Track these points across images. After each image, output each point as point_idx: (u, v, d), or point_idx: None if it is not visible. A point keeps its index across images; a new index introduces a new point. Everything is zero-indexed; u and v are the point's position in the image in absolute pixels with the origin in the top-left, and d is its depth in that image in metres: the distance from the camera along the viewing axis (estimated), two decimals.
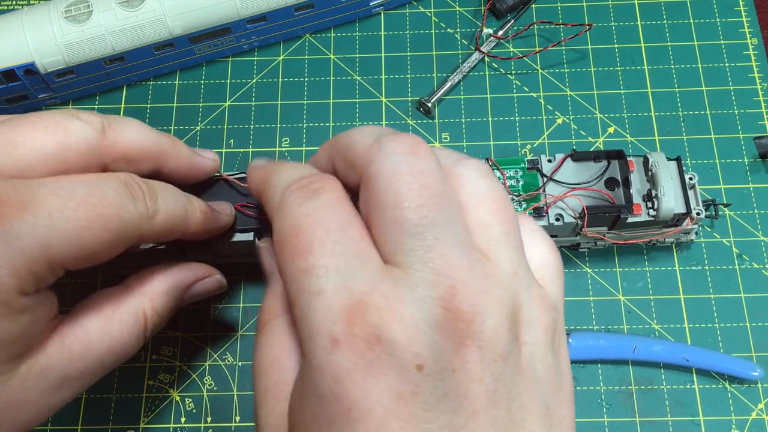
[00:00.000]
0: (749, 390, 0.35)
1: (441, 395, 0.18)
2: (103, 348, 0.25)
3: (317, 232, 0.20)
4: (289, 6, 0.40)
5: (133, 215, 0.24)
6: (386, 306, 0.18)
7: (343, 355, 0.18)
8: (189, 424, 0.35)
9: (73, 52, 0.38)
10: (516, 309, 0.20)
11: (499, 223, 0.21)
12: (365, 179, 0.21)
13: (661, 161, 0.34)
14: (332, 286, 0.19)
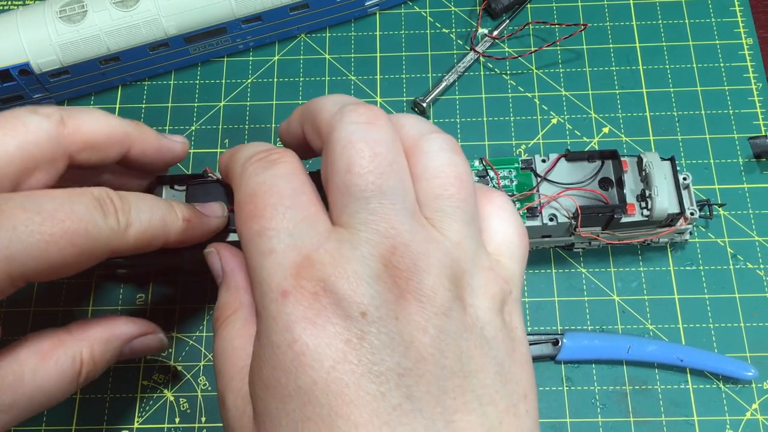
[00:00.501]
0: (743, 390, 0.35)
1: (387, 339, 0.19)
2: (34, 385, 0.24)
3: (271, 198, 0.22)
4: (284, 6, 0.40)
5: (103, 230, 0.24)
6: (331, 261, 0.20)
7: (292, 305, 0.20)
8: (183, 425, 0.35)
9: (68, 52, 0.38)
10: (458, 273, 0.21)
11: (450, 197, 0.22)
12: (326, 144, 0.22)
13: (655, 161, 0.34)
14: (282, 245, 0.21)
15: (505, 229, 0.24)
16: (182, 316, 0.37)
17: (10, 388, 0.24)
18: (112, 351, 0.27)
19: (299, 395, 0.19)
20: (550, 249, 0.38)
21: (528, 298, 0.37)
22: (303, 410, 0.19)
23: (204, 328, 0.37)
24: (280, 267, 0.21)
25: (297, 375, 0.19)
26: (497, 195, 0.25)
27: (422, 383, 0.19)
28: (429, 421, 0.19)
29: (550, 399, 0.35)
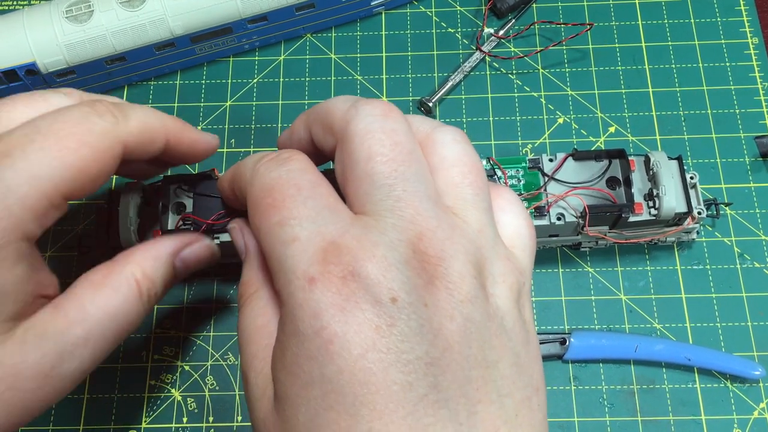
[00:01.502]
0: (751, 389, 0.35)
1: (416, 327, 0.19)
2: (99, 313, 0.25)
3: (289, 190, 0.22)
4: (290, 6, 0.40)
5: (104, 126, 0.24)
6: (358, 246, 0.20)
7: (320, 291, 0.19)
8: (191, 424, 0.35)
9: (74, 52, 0.38)
10: (481, 261, 0.21)
11: (469, 185, 0.22)
12: (342, 139, 0.22)
13: (663, 160, 0.34)
14: (306, 232, 0.20)
15: (517, 222, 0.24)
16: (189, 316, 0.37)
17: (77, 321, 0.24)
18: (163, 266, 0.28)
19: (323, 383, 0.19)
20: (557, 248, 0.38)
21: (535, 297, 0.37)
22: (325, 398, 0.19)
23: (211, 328, 0.37)
24: (305, 254, 0.20)
25: (323, 363, 0.19)
26: (505, 190, 0.25)
27: (448, 373, 0.19)
28: (453, 412, 0.19)
29: (557, 398, 0.35)
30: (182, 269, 0.29)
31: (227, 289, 0.37)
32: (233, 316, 0.37)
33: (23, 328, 0.23)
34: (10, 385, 0.22)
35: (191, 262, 0.29)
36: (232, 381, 0.36)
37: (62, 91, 0.27)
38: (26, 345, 0.23)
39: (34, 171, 0.22)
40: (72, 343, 0.24)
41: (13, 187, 0.22)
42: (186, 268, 0.29)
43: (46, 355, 0.23)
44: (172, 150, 0.28)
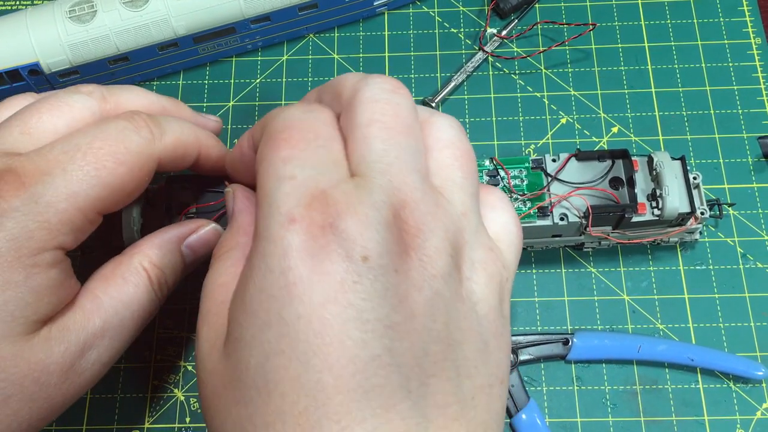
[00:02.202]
0: (754, 389, 0.35)
1: (381, 289, 0.19)
2: (113, 302, 0.26)
3: (308, 133, 0.22)
4: (292, 6, 0.40)
5: (140, 143, 0.26)
6: (345, 200, 0.20)
7: (296, 232, 0.19)
8: (194, 424, 0.35)
9: (77, 52, 0.38)
10: (460, 243, 0.21)
11: (459, 168, 0.23)
12: (348, 104, 0.22)
13: (666, 161, 0.34)
14: (304, 175, 0.21)
15: (504, 219, 0.24)
16: (192, 316, 0.37)
17: (93, 312, 0.26)
18: (170, 254, 0.29)
19: (280, 325, 0.19)
20: (560, 248, 0.38)
21: (538, 297, 0.37)
22: (279, 342, 0.19)
23: None
24: (295, 193, 0.20)
25: (283, 304, 0.19)
26: (495, 189, 0.25)
27: (406, 340, 0.19)
28: (404, 378, 0.19)
29: (560, 398, 0.35)
30: (191, 256, 0.30)
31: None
32: None
33: (48, 328, 0.24)
34: (36, 380, 0.24)
35: (199, 248, 0.30)
36: None
37: (83, 91, 0.27)
38: (51, 341, 0.24)
39: (73, 189, 0.24)
40: (92, 335, 0.25)
41: (52, 203, 0.24)
42: (194, 254, 0.30)
43: (69, 348, 0.24)
44: (202, 164, 0.30)
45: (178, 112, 0.31)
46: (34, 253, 0.23)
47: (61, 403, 0.25)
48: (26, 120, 0.26)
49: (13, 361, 0.23)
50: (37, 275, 0.23)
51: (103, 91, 0.28)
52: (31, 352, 0.23)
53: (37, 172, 0.24)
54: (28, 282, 0.23)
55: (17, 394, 0.23)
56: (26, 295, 0.23)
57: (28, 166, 0.24)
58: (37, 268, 0.23)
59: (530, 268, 0.38)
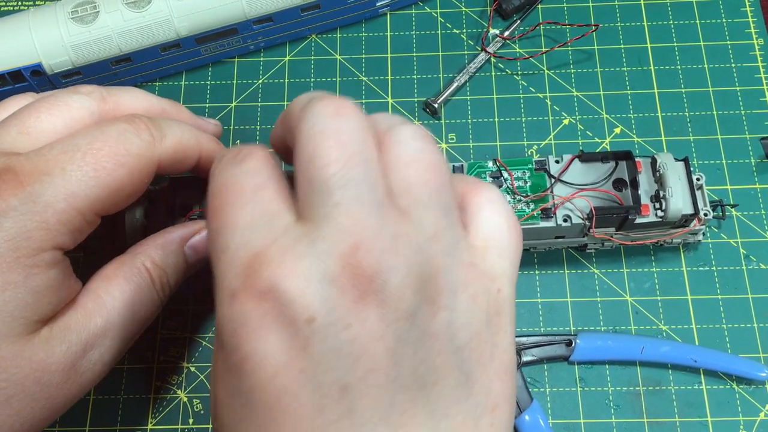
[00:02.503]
0: (757, 391, 0.35)
1: (333, 349, 0.18)
2: (115, 302, 0.26)
3: (231, 196, 0.21)
4: (295, 7, 0.40)
5: (140, 145, 0.26)
6: (281, 259, 0.18)
7: (239, 307, 0.18)
8: (197, 425, 0.35)
9: (79, 53, 0.38)
10: (431, 272, 0.19)
11: (425, 185, 0.20)
12: (292, 139, 0.21)
13: (669, 162, 0.34)
14: (236, 242, 0.19)
15: (495, 222, 0.22)
16: (195, 317, 0.37)
17: (95, 312, 0.26)
18: (172, 254, 0.29)
19: (240, 396, 0.19)
20: (563, 250, 0.38)
21: (541, 298, 0.37)
22: (242, 410, 0.19)
23: None
24: (231, 265, 0.19)
25: (239, 378, 0.19)
26: (486, 186, 0.23)
27: (367, 397, 0.18)
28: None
29: (563, 400, 0.35)
30: (193, 256, 0.30)
31: None
32: None
33: (49, 327, 0.24)
34: (38, 380, 0.24)
35: (202, 249, 0.30)
36: None
37: (82, 91, 0.27)
38: (52, 341, 0.24)
39: (71, 189, 0.24)
40: (93, 334, 0.25)
41: (50, 203, 0.23)
42: (197, 255, 0.30)
43: (71, 348, 0.24)
44: (202, 167, 0.30)
45: (178, 115, 0.31)
46: (32, 254, 0.23)
47: (63, 403, 0.25)
48: (24, 119, 0.26)
49: (14, 361, 0.23)
50: (37, 275, 0.23)
51: (103, 92, 0.28)
52: (32, 352, 0.23)
53: (36, 171, 0.24)
54: (28, 282, 0.23)
55: (19, 394, 0.23)
56: (26, 295, 0.23)
57: (27, 166, 0.24)
58: (36, 268, 0.23)
59: (533, 270, 0.37)
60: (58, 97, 0.27)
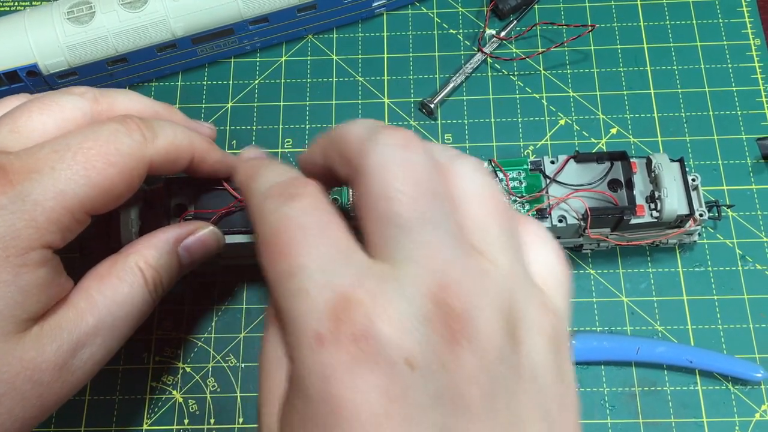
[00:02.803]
0: (752, 391, 0.35)
1: (434, 395, 0.17)
2: (107, 301, 0.26)
3: (295, 234, 0.19)
4: (291, 7, 0.40)
5: (132, 145, 0.25)
6: (372, 301, 0.18)
7: (328, 352, 0.17)
8: (192, 426, 0.35)
9: (75, 54, 0.38)
10: (513, 310, 0.19)
11: (495, 221, 0.20)
12: (358, 172, 0.20)
13: (664, 162, 0.34)
14: (314, 284, 0.18)
15: (548, 258, 0.22)
16: (191, 318, 0.37)
17: (87, 310, 0.25)
18: (165, 255, 0.28)
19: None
20: None
21: None
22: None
23: (212, 330, 0.37)
24: (314, 309, 0.18)
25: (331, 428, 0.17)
26: (531, 222, 0.22)
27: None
28: None
29: None
30: (187, 257, 0.30)
31: (229, 291, 0.37)
32: (235, 317, 0.37)
33: (39, 326, 0.24)
34: (29, 378, 0.23)
35: (195, 250, 0.30)
36: (234, 383, 0.36)
37: (75, 92, 0.27)
38: (43, 339, 0.24)
39: (61, 187, 0.24)
40: (85, 333, 0.25)
41: (40, 201, 0.23)
42: (191, 256, 0.30)
43: (62, 346, 0.24)
44: (196, 168, 0.29)
45: (171, 118, 0.30)
46: (21, 253, 0.23)
47: (54, 402, 0.25)
48: (15, 119, 0.26)
49: (5, 359, 0.23)
50: (26, 274, 0.23)
51: (96, 94, 0.28)
52: (23, 350, 0.23)
53: (25, 169, 0.23)
54: (17, 281, 0.23)
55: (10, 393, 0.23)
56: (15, 294, 0.23)
57: (17, 164, 0.24)
58: (25, 267, 0.23)
59: None
60: (51, 98, 0.27)
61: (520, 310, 0.19)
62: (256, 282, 0.38)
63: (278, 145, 0.41)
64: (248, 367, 0.36)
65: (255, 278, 0.38)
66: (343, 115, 0.41)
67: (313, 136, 0.41)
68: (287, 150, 0.40)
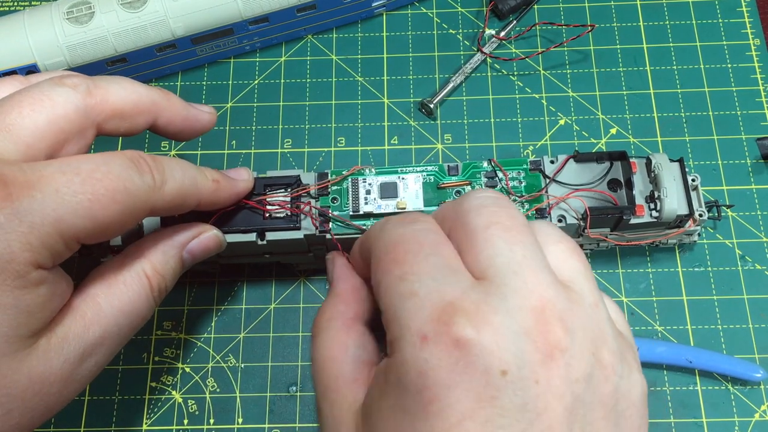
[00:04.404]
0: (752, 392, 0.35)
1: (520, 404, 0.19)
2: (114, 311, 0.26)
3: (412, 246, 0.22)
4: (291, 7, 0.40)
5: (141, 187, 0.24)
6: (476, 310, 0.19)
7: (430, 351, 0.19)
8: (192, 426, 0.35)
9: (75, 54, 0.38)
10: (600, 338, 0.21)
11: (578, 260, 0.23)
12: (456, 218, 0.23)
13: (664, 162, 0.34)
14: (425, 289, 0.20)
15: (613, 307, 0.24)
16: (190, 318, 0.37)
17: (93, 321, 0.25)
18: (172, 260, 0.28)
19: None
20: None
21: None
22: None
23: (212, 330, 0.37)
24: (422, 310, 0.20)
25: (417, 420, 0.19)
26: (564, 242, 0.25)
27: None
28: None
29: None
30: (190, 260, 0.30)
31: (228, 291, 0.37)
32: (234, 317, 0.37)
33: (46, 339, 0.24)
34: (37, 392, 0.23)
35: (198, 253, 0.30)
36: (233, 383, 0.36)
37: (67, 83, 0.26)
38: (50, 353, 0.24)
39: (60, 214, 0.22)
40: (91, 344, 0.25)
41: (37, 225, 0.22)
42: (193, 259, 0.30)
43: (69, 359, 0.24)
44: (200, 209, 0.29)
45: (170, 106, 0.29)
46: (19, 275, 0.22)
47: (59, 408, 0.25)
48: (5, 115, 0.24)
49: (13, 377, 0.23)
50: (26, 295, 0.22)
51: (89, 85, 0.26)
52: (30, 366, 0.23)
53: (27, 185, 0.22)
54: (18, 303, 0.22)
55: (18, 408, 0.23)
56: (17, 315, 0.22)
57: (19, 178, 0.22)
58: (24, 288, 0.22)
59: None
60: (42, 91, 0.25)
61: (608, 337, 0.21)
62: (256, 282, 0.38)
63: (278, 146, 0.41)
64: (248, 367, 0.36)
65: (255, 278, 0.38)
66: (342, 116, 0.41)
67: (313, 136, 0.41)
68: (287, 150, 0.40)
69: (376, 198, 0.33)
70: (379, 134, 0.41)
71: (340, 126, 0.41)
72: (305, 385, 0.36)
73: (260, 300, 0.37)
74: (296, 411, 0.35)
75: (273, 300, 0.37)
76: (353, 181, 0.34)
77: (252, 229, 0.32)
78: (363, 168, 0.34)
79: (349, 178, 0.34)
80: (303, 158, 0.40)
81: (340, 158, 0.40)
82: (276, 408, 0.35)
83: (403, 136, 0.41)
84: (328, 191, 0.34)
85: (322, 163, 0.40)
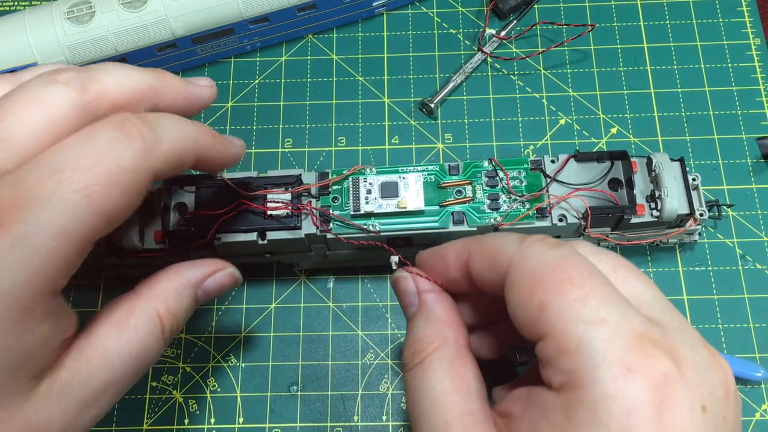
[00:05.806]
0: (753, 391, 0.35)
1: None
2: (123, 356, 0.24)
3: (584, 269, 0.21)
4: (291, 7, 0.40)
5: (135, 157, 0.22)
6: (673, 346, 0.19)
7: (639, 386, 0.18)
8: (192, 426, 0.35)
9: (75, 53, 0.38)
10: None
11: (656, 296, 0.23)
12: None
13: (665, 162, 0.34)
14: (615, 317, 0.20)
15: None
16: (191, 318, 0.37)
17: (100, 368, 0.23)
18: (186, 300, 0.26)
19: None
20: None
21: None
22: None
23: (213, 330, 0.37)
24: (618, 339, 0.19)
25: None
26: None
27: None
28: None
29: None
30: (203, 299, 0.28)
31: (228, 291, 0.37)
32: (235, 317, 0.37)
33: (48, 383, 0.22)
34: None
35: (213, 292, 0.28)
36: (234, 382, 0.36)
37: (60, 80, 0.23)
38: (51, 400, 0.22)
39: (61, 223, 0.20)
40: (94, 392, 0.23)
41: (39, 246, 0.20)
42: (207, 298, 0.28)
43: (70, 406, 0.22)
44: (198, 166, 0.27)
45: (168, 87, 0.27)
46: (24, 312, 0.20)
47: None
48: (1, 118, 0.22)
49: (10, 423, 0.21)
50: (30, 333, 0.20)
51: (83, 79, 0.24)
52: (28, 413, 0.21)
53: (17, 205, 0.20)
54: (21, 343, 0.20)
55: None
56: (20, 355, 0.20)
57: (7, 198, 0.20)
58: (29, 325, 0.20)
59: None
60: (36, 92, 0.23)
61: None
62: (256, 282, 0.38)
63: (278, 145, 0.41)
64: (248, 367, 0.36)
65: (255, 278, 0.38)
66: (343, 115, 0.41)
67: (314, 135, 0.41)
68: (287, 150, 0.40)
69: (377, 197, 0.33)
70: (380, 134, 0.41)
71: (340, 126, 0.41)
72: (306, 384, 0.36)
73: (260, 300, 0.37)
74: (297, 410, 0.35)
75: (273, 300, 0.37)
76: (354, 180, 0.34)
77: (253, 228, 0.32)
78: (364, 167, 0.34)
79: (349, 177, 0.34)
80: (303, 158, 0.40)
81: (340, 158, 0.40)
82: (277, 407, 0.35)
83: (403, 136, 0.41)
84: (329, 191, 0.34)
85: (322, 162, 0.40)
